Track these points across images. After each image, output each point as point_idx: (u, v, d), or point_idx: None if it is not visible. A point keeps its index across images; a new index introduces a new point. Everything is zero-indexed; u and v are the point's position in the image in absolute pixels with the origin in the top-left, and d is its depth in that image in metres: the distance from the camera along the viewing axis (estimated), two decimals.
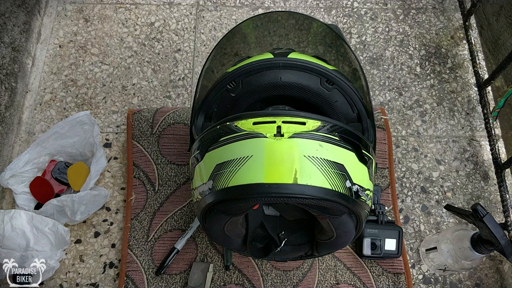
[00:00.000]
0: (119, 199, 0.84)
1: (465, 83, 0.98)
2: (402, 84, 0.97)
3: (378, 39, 1.02)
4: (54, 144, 0.81)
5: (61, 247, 0.76)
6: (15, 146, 0.89)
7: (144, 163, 0.84)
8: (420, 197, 0.86)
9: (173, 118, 0.87)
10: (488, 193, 0.87)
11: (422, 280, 0.79)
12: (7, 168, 0.78)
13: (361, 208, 0.52)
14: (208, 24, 1.03)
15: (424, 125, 0.93)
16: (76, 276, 0.78)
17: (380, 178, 0.85)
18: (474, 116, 0.94)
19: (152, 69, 0.98)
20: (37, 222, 0.72)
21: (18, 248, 0.70)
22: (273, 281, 0.76)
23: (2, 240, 0.69)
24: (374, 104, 0.95)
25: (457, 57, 1.01)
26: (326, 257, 0.78)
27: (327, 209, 0.49)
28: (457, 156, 0.90)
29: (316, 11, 1.06)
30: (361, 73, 0.65)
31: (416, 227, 0.83)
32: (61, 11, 1.04)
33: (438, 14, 1.06)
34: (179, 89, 0.96)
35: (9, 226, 0.70)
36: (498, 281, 0.80)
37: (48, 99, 0.94)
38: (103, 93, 0.95)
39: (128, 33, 1.02)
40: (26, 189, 0.80)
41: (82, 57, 0.99)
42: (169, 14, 1.04)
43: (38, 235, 0.72)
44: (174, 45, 1.00)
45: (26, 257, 0.70)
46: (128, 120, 0.88)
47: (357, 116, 0.61)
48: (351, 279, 0.76)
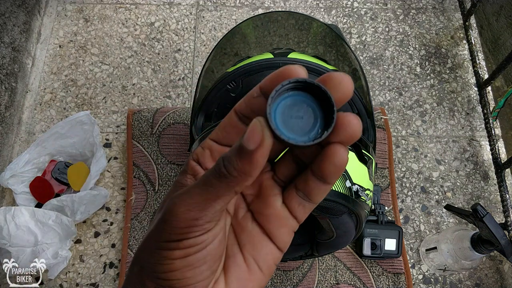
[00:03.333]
0: (119, 199, 0.84)
1: (465, 83, 0.98)
2: (402, 84, 0.97)
3: (378, 39, 1.02)
4: (54, 144, 0.81)
5: (69, 237, 0.77)
6: (15, 146, 0.89)
7: (144, 163, 0.84)
8: (420, 197, 0.86)
9: (173, 118, 0.87)
10: (488, 193, 0.87)
11: (422, 280, 0.79)
12: (7, 168, 0.78)
13: (361, 208, 0.52)
14: (208, 24, 1.03)
15: (424, 125, 0.93)
16: (76, 276, 0.78)
17: (380, 178, 0.85)
18: (474, 116, 0.94)
19: (152, 69, 0.98)
20: (40, 216, 0.72)
21: (27, 244, 0.71)
22: (273, 281, 0.76)
23: (10, 240, 0.69)
24: (374, 104, 0.95)
25: (457, 57, 1.01)
26: (326, 257, 0.78)
27: (327, 209, 0.49)
28: (457, 156, 0.90)
29: (316, 11, 1.06)
30: (361, 73, 0.65)
31: (416, 227, 0.83)
32: (61, 11, 1.04)
33: (438, 14, 1.06)
34: (179, 89, 0.96)
35: (13, 224, 0.70)
36: (498, 281, 0.80)
37: (48, 99, 0.94)
38: (103, 93, 0.95)
39: (128, 33, 1.02)
40: (26, 189, 0.80)
41: (82, 57, 0.99)
42: (169, 14, 1.04)
43: (44, 229, 0.72)
44: (174, 45, 1.00)
45: (37, 252, 0.71)
46: (128, 120, 0.88)
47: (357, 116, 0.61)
48: (351, 279, 0.76)
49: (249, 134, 0.18)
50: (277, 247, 0.23)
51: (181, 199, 0.20)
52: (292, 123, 0.19)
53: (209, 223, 0.20)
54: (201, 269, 0.21)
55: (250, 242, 0.23)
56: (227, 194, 0.20)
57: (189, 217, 0.20)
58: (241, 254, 0.23)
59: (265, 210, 0.23)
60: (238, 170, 0.19)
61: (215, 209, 0.20)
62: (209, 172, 0.20)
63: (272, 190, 0.23)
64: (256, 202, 0.23)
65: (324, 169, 0.20)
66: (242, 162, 0.19)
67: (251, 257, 0.23)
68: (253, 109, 0.21)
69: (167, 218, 0.21)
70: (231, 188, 0.19)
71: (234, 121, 0.22)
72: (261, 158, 0.19)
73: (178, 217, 0.20)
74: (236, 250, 0.23)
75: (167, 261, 0.21)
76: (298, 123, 0.20)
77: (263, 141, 0.18)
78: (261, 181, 0.23)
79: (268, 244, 0.23)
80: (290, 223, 0.23)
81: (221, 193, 0.20)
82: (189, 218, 0.20)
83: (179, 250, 0.20)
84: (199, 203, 0.20)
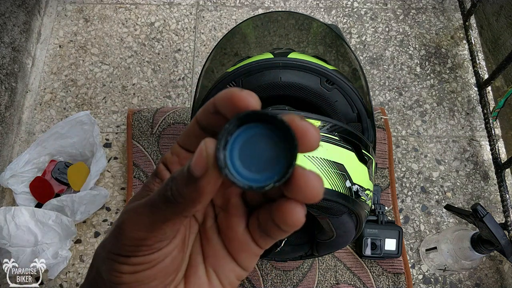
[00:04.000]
0: (119, 199, 0.84)
1: (465, 83, 0.98)
2: (402, 84, 0.97)
3: (378, 39, 1.02)
4: (54, 144, 0.81)
5: (69, 237, 0.77)
6: (15, 146, 0.89)
7: (144, 163, 0.84)
8: (420, 197, 0.86)
9: (173, 118, 0.87)
10: (488, 193, 0.87)
11: (422, 280, 0.79)
12: (7, 168, 0.78)
13: (361, 208, 0.52)
14: (208, 24, 1.03)
15: (424, 125, 0.93)
16: (76, 276, 0.78)
17: (380, 178, 0.85)
18: (474, 116, 0.94)
19: (152, 69, 0.98)
20: (40, 216, 0.72)
21: (27, 244, 0.71)
22: (273, 281, 0.76)
23: (10, 240, 0.69)
24: (374, 104, 0.95)
25: (457, 57, 1.01)
26: (326, 257, 0.78)
27: (327, 209, 0.49)
28: (457, 156, 0.90)
29: (316, 11, 1.06)
30: (361, 73, 0.65)
31: (416, 227, 0.83)
32: (61, 11, 1.04)
33: (438, 14, 1.06)
34: (179, 89, 0.96)
35: (13, 224, 0.70)
36: (498, 281, 0.80)
37: (48, 99, 0.94)
38: (103, 93, 0.95)
39: (128, 33, 1.02)
40: (26, 189, 0.80)
41: (82, 57, 0.99)
42: (169, 14, 1.04)
43: (44, 229, 0.72)
44: (174, 45, 1.00)
45: (37, 252, 0.71)
46: (128, 120, 0.88)
47: (357, 116, 0.61)
48: (351, 279, 0.76)
49: (195, 160, 0.17)
50: (240, 267, 0.22)
51: (129, 217, 0.19)
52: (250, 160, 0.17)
53: (160, 243, 0.19)
54: (151, 285, 0.20)
55: (213, 255, 0.22)
56: (175, 218, 0.18)
57: (137, 237, 0.19)
58: (203, 265, 0.22)
59: (227, 231, 0.22)
60: (184, 197, 0.17)
61: (164, 232, 0.19)
62: (156, 194, 0.18)
63: (237, 210, 0.21)
64: (222, 217, 0.22)
65: (278, 223, 0.18)
66: (188, 189, 0.17)
67: (212, 270, 0.22)
68: (211, 125, 0.20)
69: (116, 234, 0.20)
70: (178, 213, 0.18)
71: (197, 130, 0.20)
72: (209, 187, 0.17)
73: (125, 235, 0.19)
74: (199, 260, 0.22)
75: (117, 273, 0.20)
76: (256, 161, 0.17)
77: (208, 171, 0.17)
78: (229, 195, 0.21)
79: (231, 262, 0.22)
80: (252, 249, 0.21)
81: (169, 218, 0.18)
82: (136, 237, 0.19)
83: (128, 265, 0.20)
84: (146, 224, 0.19)
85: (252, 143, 0.18)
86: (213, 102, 0.19)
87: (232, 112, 0.18)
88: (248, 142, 0.18)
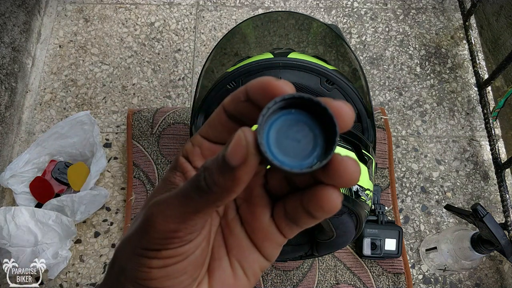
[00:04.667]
0: (119, 199, 0.84)
1: (465, 83, 0.98)
2: (402, 84, 0.97)
3: (378, 39, 1.02)
4: (54, 144, 0.81)
5: (69, 237, 0.77)
6: (15, 146, 0.89)
7: (144, 163, 0.84)
8: (420, 197, 0.86)
9: (173, 118, 0.87)
10: (488, 193, 0.87)
11: (422, 280, 0.79)
12: (7, 168, 0.78)
13: (361, 208, 0.52)
14: (208, 24, 1.03)
15: (424, 125, 0.93)
16: (76, 276, 0.78)
17: (380, 178, 0.85)
18: (474, 116, 0.94)
19: (152, 69, 0.98)
20: (40, 216, 0.72)
21: (27, 244, 0.71)
22: (273, 281, 0.76)
23: (10, 240, 0.69)
24: (374, 104, 0.95)
25: (457, 57, 1.01)
26: (326, 257, 0.78)
27: None
28: (457, 156, 0.90)
29: (316, 11, 1.06)
30: (361, 73, 0.65)
31: (416, 227, 0.83)
32: (61, 11, 1.04)
33: (438, 14, 1.06)
34: (179, 89, 0.96)
35: (13, 224, 0.70)
36: (498, 281, 0.80)
37: (48, 99, 0.94)
38: (103, 93, 0.95)
39: (128, 33, 1.02)
40: (26, 189, 0.80)
41: (82, 57, 0.99)
42: (169, 14, 1.04)
43: (44, 229, 0.72)
44: (174, 45, 1.00)
45: (37, 252, 0.71)
46: (128, 120, 0.88)
47: (357, 116, 0.61)
48: (351, 279, 0.76)
49: (232, 149, 0.17)
50: (264, 257, 0.22)
51: (160, 209, 0.19)
52: (287, 146, 0.18)
53: (190, 235, 0.19)
54: (181, 279, 0.20)
55: (237, 247, 0.22)
56: (207, 209, 0.18)
57: (168, 229, 0.19)
58: (227, 257, 0.22)
59: (251, 221, 0.21)
60: (219, 186, 0.17)
61: (195, 223, 0.19)
62: (188, 184, 0.18)
63: (261, 200, 0.21)
64: (244, 208, 0.22)
65: (313, 210, 0.18)
66: (223, 178, 0.17)
67: (237, 262, 0.22)
68: (241, 113, 0.19)
69: (145, 227, 0.19)
70: (211, 203, 0.18)
71: (224, 119, 0.20)
72: (246, 176, 0.17)
73: (156, 228, 0.19)
74: (222, 253, 0.22)
75: (145, 269, 0.19)
76: (294, 146, 0.18)
77: (248, 159, 0.17)
78: (252, 186, 0.21)
79: (255, 252, 0.22)
80: (277, 239, 0.21)
81: (201, 208, 0.18)
82: (167, 230, 0.19)
83: (158, 259, 0.19)
84: (177, 216, 0.18)
85: (287, 128, 0.18)
86: (245, 89, 0.19)
87: (266, 101, 0.18)
88: (283, 128, 0.18)
